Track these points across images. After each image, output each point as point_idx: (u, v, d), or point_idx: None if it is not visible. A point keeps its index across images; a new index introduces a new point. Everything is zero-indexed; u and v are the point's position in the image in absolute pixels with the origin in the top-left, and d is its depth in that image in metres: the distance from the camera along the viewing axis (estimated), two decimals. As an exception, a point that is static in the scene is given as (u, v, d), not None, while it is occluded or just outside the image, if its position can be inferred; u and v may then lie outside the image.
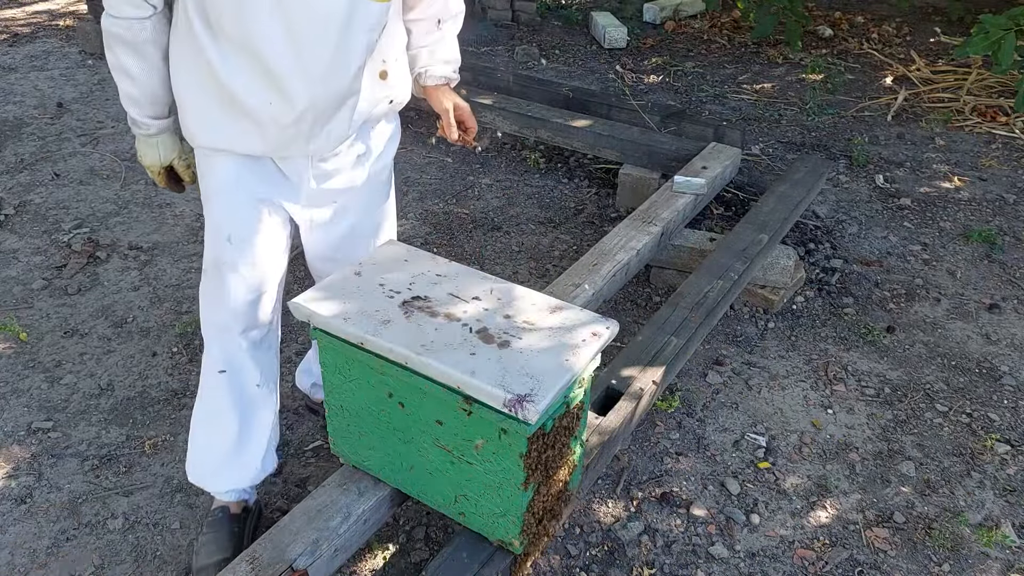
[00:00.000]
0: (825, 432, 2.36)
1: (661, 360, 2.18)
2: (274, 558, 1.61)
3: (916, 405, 2.46)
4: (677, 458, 2.26)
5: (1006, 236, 3.28)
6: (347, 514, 1.71)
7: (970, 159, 3.87)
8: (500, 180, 3.69)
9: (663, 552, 1.99)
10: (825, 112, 4.30)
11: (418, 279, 1.68)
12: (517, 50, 5.07)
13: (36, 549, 1.98)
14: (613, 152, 3.47)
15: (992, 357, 2.65)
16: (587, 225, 3.34)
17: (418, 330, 1.53)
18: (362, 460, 1.78)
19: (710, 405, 2.44)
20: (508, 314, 1.59)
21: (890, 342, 2.71)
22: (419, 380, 1.52)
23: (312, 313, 1.59)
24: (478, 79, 4.01)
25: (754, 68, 4.93)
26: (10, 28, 5.49)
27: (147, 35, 1.59)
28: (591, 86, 4.54)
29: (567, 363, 1.48)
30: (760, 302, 2.84)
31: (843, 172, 3.73)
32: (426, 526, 2.04)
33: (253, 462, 1.92)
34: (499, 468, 1.53)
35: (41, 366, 2.55)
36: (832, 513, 2.11)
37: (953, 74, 4.66)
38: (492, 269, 3.04)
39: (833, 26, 5.49)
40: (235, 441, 1.89)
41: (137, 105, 1.68)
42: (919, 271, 3.07)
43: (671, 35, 5.44)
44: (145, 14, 1.56)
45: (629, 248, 2.61)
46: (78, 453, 2.24)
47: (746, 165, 3.60)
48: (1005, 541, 2.03)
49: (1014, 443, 2.32)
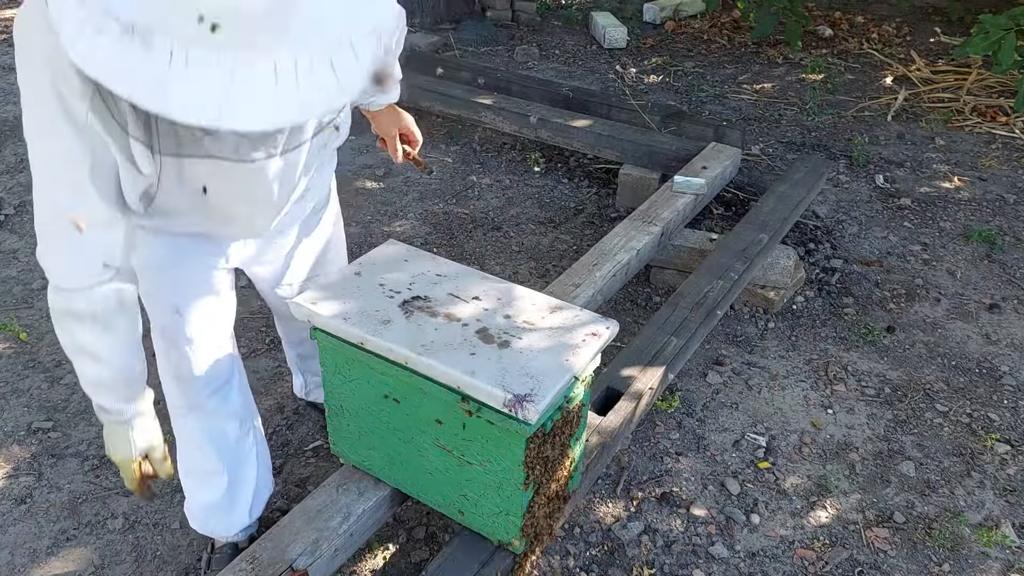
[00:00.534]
0: (825, 432, 2.36)
1: (661, 360, 2.18)
2: (274, 558, 1.61)
3: (916, 405, 2.46)
4: (677, 458, 2.26)
5: (1006, 236, 3.28)
6: (347, 514, 1.71)
7: (970, 159, 3.87)
8: (500, 180, 3.69)
9: (663, 552, 1.99)
10: (825, 112, 4.30)
11: (418, 279, 1.68)
12: (517, 50, 5.07)
13: (36, 549, 1.98)
14: (613, 152, 3.47)
15: (992, 357, 2.65)
16: (587, 225, 3.34)
17: (418, 330, 1.53)
18: (362, 460, 1.78)
19: (710, 405, 2.44)
20: (508, 314, 1.59)
21: (890, 342, 2.71)
22: (419, 380, 1.52)
23: (312, 313, 1.59)
24: (478, 79, 4.01)
25: (754, 68, 4.93)
26: (10, 28, 5.49)
27: (112, 299, 1.28)
28: (591, 86, 4.54)
29: (567, 363, 1.48)
30: (760, 302, 2.84)
31: (843, 172, 3.73)
32: (426, 526, 2.04)
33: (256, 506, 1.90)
34: (499, 468, 1.53)
35: (41, 366, 2.55)
36: (832, 513, 2.11)
37: (953, 74, 4.66)
38: (492, 269, 3.04)
39: (833, 26, 5.49)
40: (230, 491, 1.83)
41: (107, 390, 1.39)
42: (919, 271, 3.07)
43: (671, 35, 5.44)
44: (106, 276, 1.26)
45: (629, 248, 2.61)
46: (78, 453, 2.24)
47: (746, 165, 3.60)
48: (1005, 541, 2.03)
49: (1014, 443, 2.32)
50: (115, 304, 1.30)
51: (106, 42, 0.89)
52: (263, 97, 0.92)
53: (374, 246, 1.82)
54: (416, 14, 5.44)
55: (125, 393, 1.41)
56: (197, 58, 0.89)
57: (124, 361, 1.36)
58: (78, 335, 1.31)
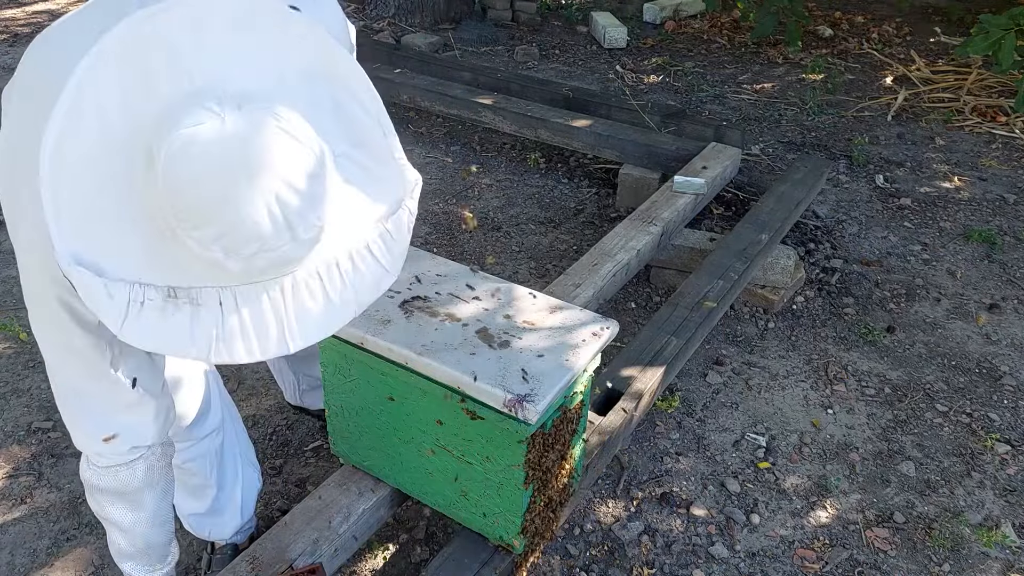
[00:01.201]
0: (825, 432, 2.36)
1: (661, 360, 2.18)
2: (274, 558, 1.61)
3: (916, 405, 2.46)
4: (677, 458, 2.26)
5: (1006, 236, 3.28)
6: (347, 514, 1.71)
7: (970, 159, 3.87)
8: (500, 180, 3.69)
9: (663, 552, 1.99)
10: (825, 112, 4.30)
11: (418, 279, 1.68)
12: (517, 50, 5.07)
13: (36, 549, 1.98)
14: (613, 152, 3.47)
15: (992, 357, 2.65)
16: (587, 225, 3.34)
17: (418, 330, 1.53)
18: (362, 460, 1.78)
19: (710, 405, 2.44)
20: (508, 314, 1.59)
21: (890, 342, 2.71)
22: (419, 380, 1.52)
23: (312, 313, 1.59)
24: (478, 79, 4.01)
25: (754, 68, 4.93)
26: (10, 28, 5.48)
27: (139, 478, 1.28)
28: (591, 86, 4.54)
29: (567, 363, 1.48)
30: (760, 302, 2.84)
31: (843, 172, 3.73)
32: (426, 526, 2.04)
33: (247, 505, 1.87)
34: (499, 468, 1.53)
35: (41, 366, 2.55)
36: (832, 513, 2.11)
37: (953, 74, 4.66)
38: (492, 269, 3.04)
39: (833, 26, 5.49)
40: (218, 499, 1.80)
41: (131, 559, 1.41)
42: (919, 271, 3.07)
43: (671, 35, 5.44)
44: (133, 456, 1.25)
45: (629, 248, 2.61)
46: (78, 453, 2.23)
47: (746, 165, 3.60)
48: (1005, 541, 2.03)
49: (1014, 443, 2.32)
50: (142, 481, 1.29)
51: (152, 313, 0.87)
52: (317, 310, 0.92)
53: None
54: (416, 14, 5.44)
55: (147, 562, 1.42)
56: (245, 297, 0.89)
57: (150, 534, 1.37)
58: (105, 506, 1.32)
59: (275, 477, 2.16)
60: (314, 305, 0.92)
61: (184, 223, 0.83)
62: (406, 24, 5.41)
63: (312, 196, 0.86)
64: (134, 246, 0.86)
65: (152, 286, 0.87)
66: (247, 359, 0.91)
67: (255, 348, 0.90)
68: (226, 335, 0.89)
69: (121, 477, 1.26)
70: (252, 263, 0.86)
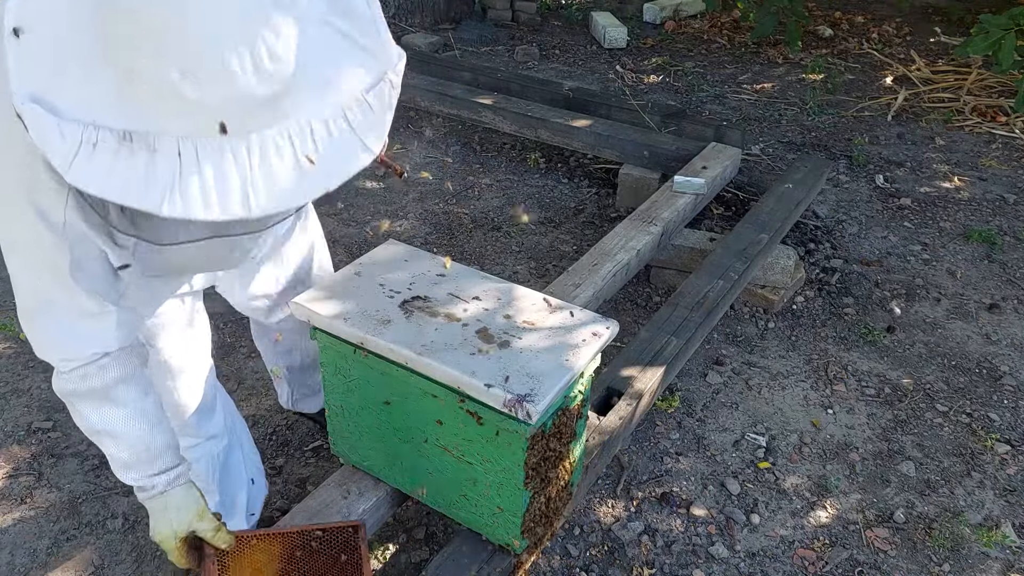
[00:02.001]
0: (825, 432, 2.36)
1: (661, 360, 2.18)
2: (274, 558, 1.61)
3: (916, 405, 2.46)
4: (677, 458, 2.26)
5: (1006, 236, 3.28)
6: (347, 514, 1.71)
7: (970, 159, 3.87)
8: (500, 180, 3.69)
9: (663, 552, 1.99)
10: (825, 112, 4.30)
11: (418, 279, 1.68)
12: (517, 50, 5.07)
13: (36, 549, 1.98)
14: (613, 152, 3.47)
15: (992, 357, 2.65)
16: (587, 225, 3.34)
17: (418, 330, 1.53)
18: (362, 460, 1.78)
19: (710, 405, 2.44)
20: (508, 314, 1.59)
21: (890, 342, 2.71)
22: (419, 380, 1.52)
23: (312, 313, 1.59)
24: (478, 79, 4.01)
25: (754, 68, 4.93)
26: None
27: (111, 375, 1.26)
28: (591, 86, 4.54)
29: (567, 363, 1.48)
30: (760, 302, 2.84)
31: (843, 172, 3.73)
32: (426, 526, 2.04)
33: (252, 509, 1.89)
34: (499, 468, 1.53)
35: (41, 366, 2.55)
36: (832, 513, 2.11)
37: (953, 74, 4.66)
38: (492, 269, 3.04)
39: (833, 26, 5.49)
40: (223, 504, 1.82)
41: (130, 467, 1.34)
42: (919, 271, 3.07)
43: (671, 35, 5.44)
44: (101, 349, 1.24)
45: (629, 248, 2.61)
46: (78, 453, 2.24)
47: (746, 165, 3.60)
48: (1005, 541, 2.03)
49: (1014, 443, 2.32)
50: (114, 377, 1.26)
51: (105, 157, 0.82)
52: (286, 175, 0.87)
53: (374, 246, 1.81)
54: (416, 14, 5.44)
55: (149, 467, 1.35)
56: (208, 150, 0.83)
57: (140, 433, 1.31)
58: (86, 414, 1.28)
59: (275, 477, 2.16)
60: (282, 168, 0.86)
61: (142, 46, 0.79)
62: (406, 24, 5.41)
63: (279, 25, 0.81)
64: (90, 92, 0.82)
65: (107, 128, 0.82)
66: (204, 215, 0.85)
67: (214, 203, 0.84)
68: (183, 187, 0.83)
69: (91, 377, 1.24)
70: (209, 91, 0.80)
